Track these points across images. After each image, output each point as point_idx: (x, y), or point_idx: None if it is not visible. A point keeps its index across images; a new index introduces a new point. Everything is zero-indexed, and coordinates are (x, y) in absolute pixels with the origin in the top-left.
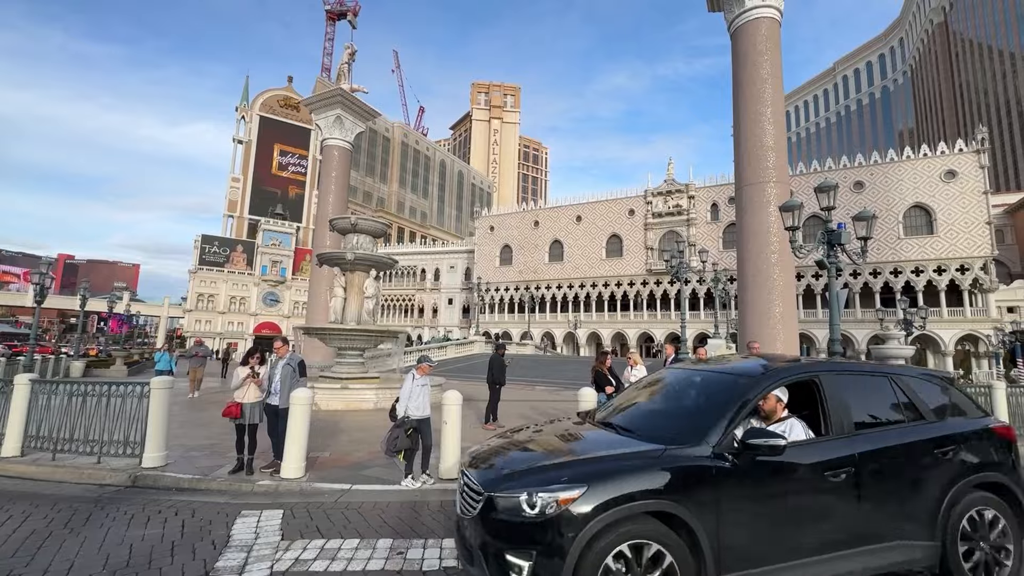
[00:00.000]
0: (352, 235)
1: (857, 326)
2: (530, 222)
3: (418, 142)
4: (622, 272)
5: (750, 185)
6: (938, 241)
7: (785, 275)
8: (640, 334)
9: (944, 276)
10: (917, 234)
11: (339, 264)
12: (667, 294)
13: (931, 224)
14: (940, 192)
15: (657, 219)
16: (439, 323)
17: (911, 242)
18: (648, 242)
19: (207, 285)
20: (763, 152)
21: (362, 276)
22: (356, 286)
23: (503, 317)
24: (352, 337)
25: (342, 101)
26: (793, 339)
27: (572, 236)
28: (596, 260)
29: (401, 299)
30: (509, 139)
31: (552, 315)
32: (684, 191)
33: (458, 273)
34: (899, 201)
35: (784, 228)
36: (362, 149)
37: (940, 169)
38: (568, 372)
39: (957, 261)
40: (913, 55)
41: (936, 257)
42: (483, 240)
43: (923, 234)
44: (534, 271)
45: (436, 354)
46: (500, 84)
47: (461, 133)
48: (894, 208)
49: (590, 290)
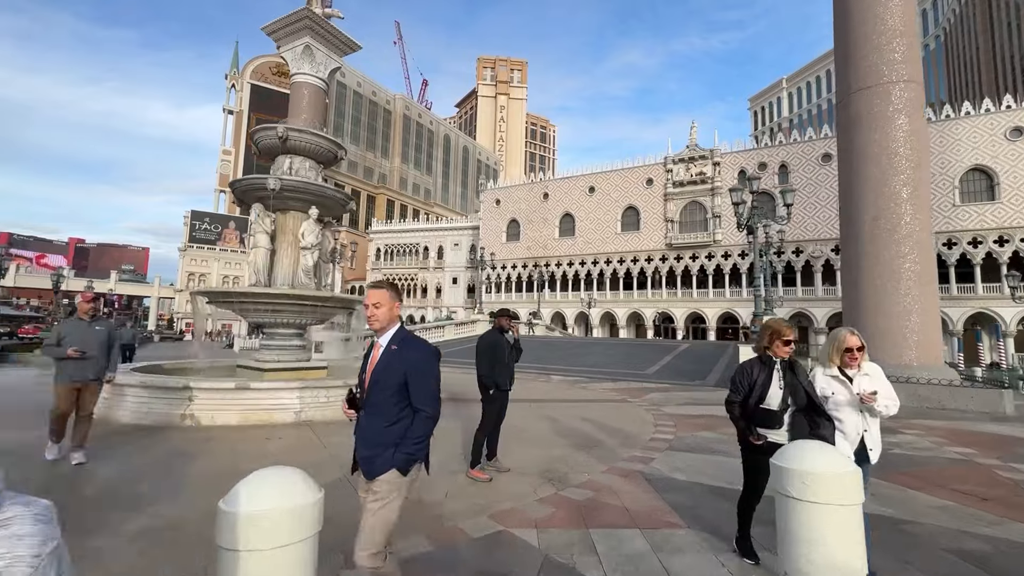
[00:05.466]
0: (283, 157)
1: None
2: (539, 194)
3: (421, 115)
4: (639, 247)
5: (865, 89)
6: (1001, 208)
7: (921, 217)
8: (658, 314)
9: (1007, 247)
10: (975, 200)
11: (261, 199)
12: (688, 270)
13: (992, 189)
14: (1004, 153)
15: (678, 188)
16: (443, 303)
17: (969, 209)
18: (668, 214)
19: (198, 264)
20: (886, 39)
21: (297, 218)
22: (289, 232)
23: (510, 296)
24: (280, 306)
25: (311, 26)
26: (932, 315)
27: (584, 209)
28: (610, 234)
29: (403, 278)
30: (516, 115)
31: (563, 294)
32: (708, 157)
33: (463, 251)
34: (955, 164)
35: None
36: (361, 122)
37: (1005, 126)
38: (588, 358)
39: (1022, 230)
40: (948, 17)
41: (998, 226)
42: (489, 215)
43: (983, 200)
44: (543, 247)
45: (431, 335)
46: (506, 59)
47: (467, 111)
48: (949, 172)
49: (604, 267)
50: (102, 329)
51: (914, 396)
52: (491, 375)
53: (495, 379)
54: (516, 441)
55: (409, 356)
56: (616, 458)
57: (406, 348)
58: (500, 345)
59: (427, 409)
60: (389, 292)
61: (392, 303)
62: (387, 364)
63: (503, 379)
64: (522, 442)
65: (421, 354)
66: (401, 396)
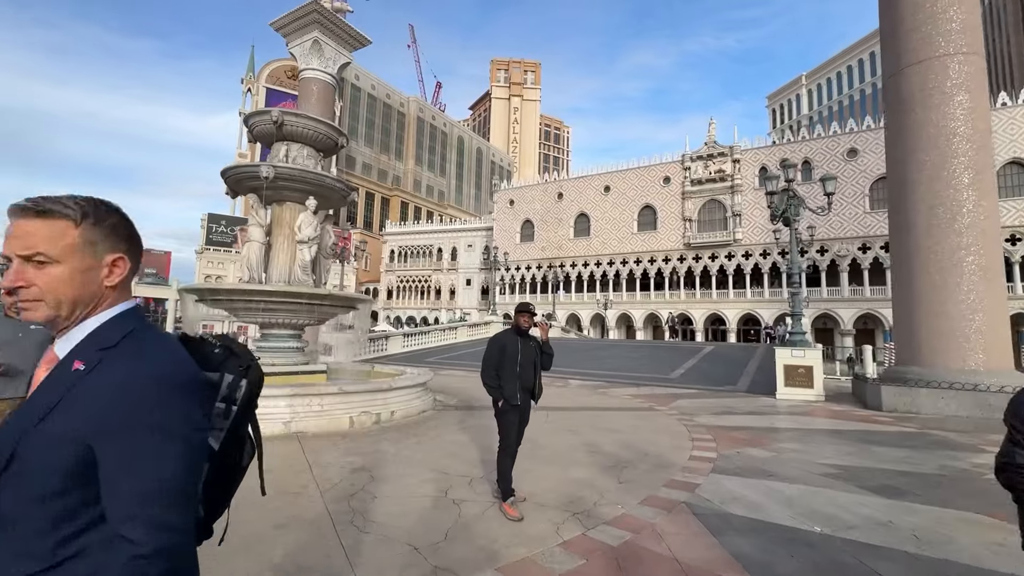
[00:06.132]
0: (279, 144)
1: None
2: (553, 194)
3: (435, 118)
4: (656, 247)
5: (917, 64)
6: None
7: (986, 204)
8: (677, 315)
9: None
10: (1014, 195)
11: (254, 188)
12: (707, 270)
13: None
14: None
15: (696, 187)
16: (456, 305)
17: (1007, 204)
18: (686, 213)
19: (214, 266)
20: (941, 6)
21: (294, 209)
22: (286, 226)
23: (524, 297)
24: (273, 305)
25: (319, 20)
26: (1000, 314)
27: (599, 208)
28: (626, 234)
29: (416, 280)
30: (530, 117)
31: (578, 295)
32: (728, 154)
33: (476, 252)
34: None
35: None
36: (376, 125)
37: None
38: (608, 360)
39: None
40: None
41: None
42: (502, 215)
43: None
44: (558, 247)
45: (441, 338)
46: (520, 60)
47: (481, 113)
48: None
49: (620, 267)
50: (39, 328)
51: (984, 406)
52: (494, 383)
53: (501, 390)
54: (531, 459)
55: (99, 393)
56: (653, 483)
57: (105, 370)
58: (509, 348)
59: (141, 538)
60: (73, 222)
61: (88, 251)
62: (44, 413)
63: (511, 389)
64: (538, 460)
65: (130, 385)
66: (72, 499)
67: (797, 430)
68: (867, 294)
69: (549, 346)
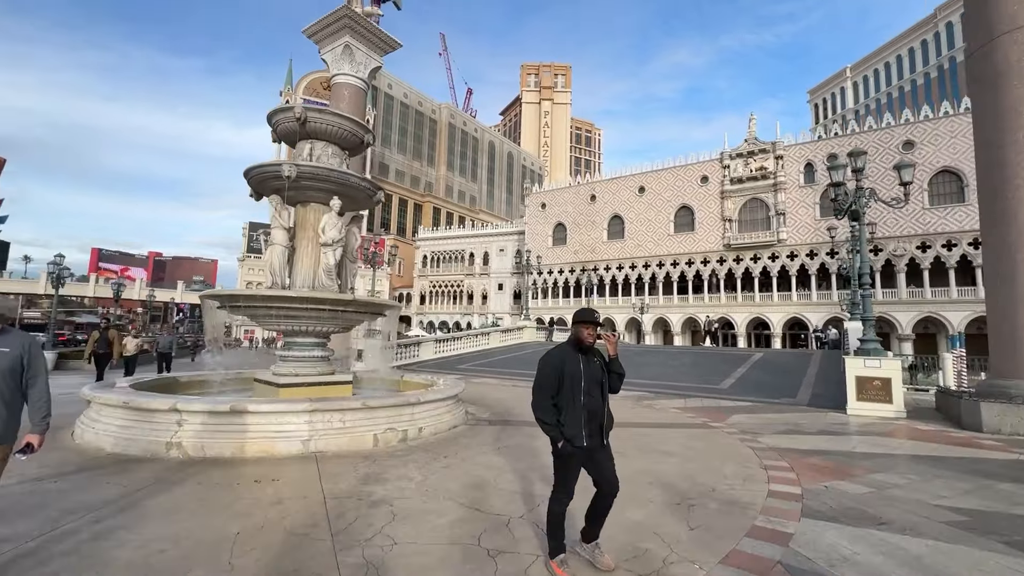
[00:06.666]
0: (303, 143)
1: None
2: (586, 196)
3: (466, 123)
4: (694, 248)
5: (1016, 30)
6: None
7: None
8: (717, 319)
9: None
10: None
11: (277, 189)
12: (749, 272)
13: None
14: None
15: (736, 185)
16: (488, 310)
17: None
18: (726, 212)
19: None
20: None
21: (318, 211)
22: (310, 228)
23: (557, 302)
24: (295, 312)
25: (350, 25)
26: None
27: (634, 210)
28: (662, 236)
29: (449, 285)
30: (560, 120)
31: (612, 299)
32: (770, 150)
33: (508, 256)
34: None
35: None
36: (408, 132)
37: None
38: (648, 368)
39: None
40: None
41: None
42: (534, 219)
43: None
44: (591, 250)
45: (473, 343)
46: (550, 64)
47: (511, 118)
48: None
49: (656, 270)
50: (8, 352)
51: None
52: (550, 419)
53: (561, 427)
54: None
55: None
56: (732, 531)
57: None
58: (569, 368)
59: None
60: None
61: None
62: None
63: (574, 426)
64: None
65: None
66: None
67: (887, 456)
68: (928, 296)
69: (619, 364)
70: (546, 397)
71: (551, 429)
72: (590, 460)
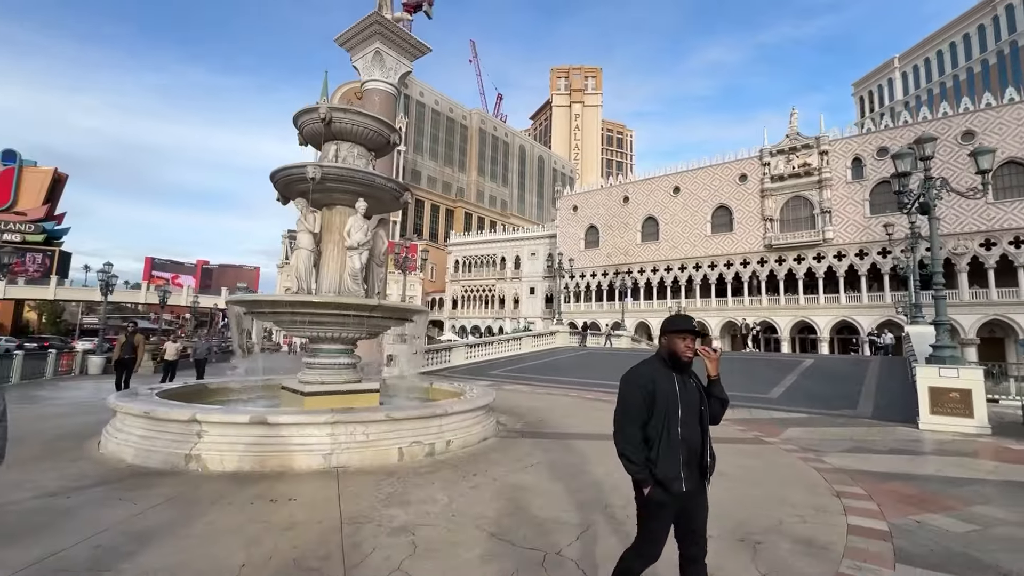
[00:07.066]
0: (329, 144)
1: None
2: (618, 198)
3: (496, 128)
4: (733, 249)
5: None
6: None
7: None
8: (759, 323)
9: None
10: None
11: (302, 192)
12: (793, 273)
13: None
14: None
15: (778, 183)
16: (520, 314)
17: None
18: (766, 212)
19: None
20: None
21: (344, 213)
22: (336, 231)
23: (589, 306)
24: (320, 317)
25: (380, 31)
26: None
27: (668, 211)
28: (699, 237)
29: (480, 289)
30: (591, 123)
31: (647, 302)
32: (814, 146)
33: (540, 260)
34: None
35: None
36: (439, 139)
37: None
38: None
39: None
40: None
41: None
42: (566, 222)
43: None
44: (624, 253)
45: (504, 348)
46: (580, 67)
47: (542, 122)
48: None
49: (692, 272)
50: None
51: None
52: (638, 456)
53: (651, 466)
54: (609, 519)
55: None
56: None
57: None
58: (663, 390)
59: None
60: None
61: None
62: None
63: (669, 466)
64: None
65: None
66: None
67: (980, 482)
68: (993, 297)
69: (720, 387)
70: (634, 425)
71: (639, 470)
72: (685, 509)
